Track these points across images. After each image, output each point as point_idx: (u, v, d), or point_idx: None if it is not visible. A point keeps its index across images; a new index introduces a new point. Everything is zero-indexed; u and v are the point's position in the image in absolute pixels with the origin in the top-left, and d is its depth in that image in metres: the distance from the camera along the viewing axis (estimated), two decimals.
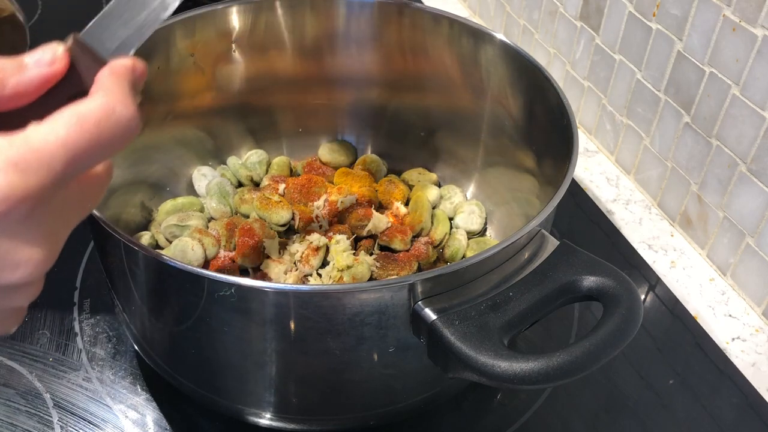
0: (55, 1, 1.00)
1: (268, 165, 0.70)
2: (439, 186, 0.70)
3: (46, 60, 0.31)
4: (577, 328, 0.63)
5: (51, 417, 0.54)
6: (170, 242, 0.61)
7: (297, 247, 0.60)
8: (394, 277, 0.59)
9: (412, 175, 0.70)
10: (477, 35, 0.62)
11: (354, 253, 0.60)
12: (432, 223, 0.65)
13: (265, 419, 0.51)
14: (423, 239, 0.64)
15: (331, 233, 0.61)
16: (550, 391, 0.58)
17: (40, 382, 0.57)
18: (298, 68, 0.68)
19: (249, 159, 0.69)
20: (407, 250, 0.62)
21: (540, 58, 0.85)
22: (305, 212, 0.64)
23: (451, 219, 0.67)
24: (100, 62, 0.33)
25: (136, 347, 0.58)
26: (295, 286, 0.42)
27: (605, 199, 0.76)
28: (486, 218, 0.67)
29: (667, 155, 0.71)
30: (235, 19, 0.63)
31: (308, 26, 0.66)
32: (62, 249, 0.31)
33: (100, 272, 0.64)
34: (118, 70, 0.32)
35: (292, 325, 0.43)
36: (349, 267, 0.58)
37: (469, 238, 0.65)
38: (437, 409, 0.56)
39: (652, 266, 0.69)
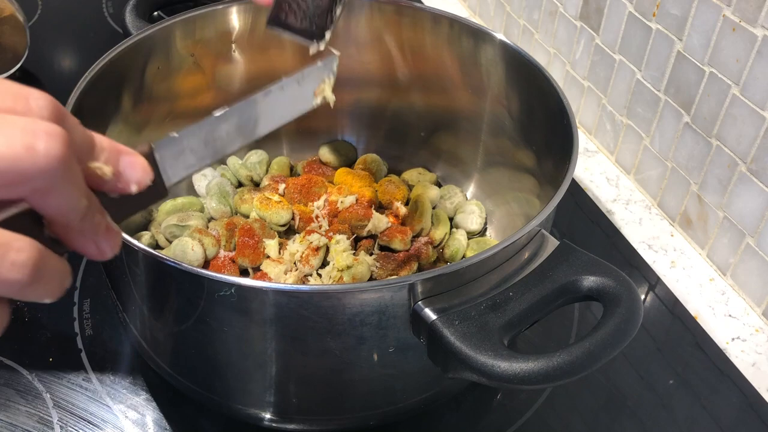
0: (55, 1, 1.01)
1: (268, 165, 0.70)
2: (439, 186, 0.70)
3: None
4: (577, 328, 0.63)
5: (51, 417, 0.54)
6: (170, 242, 0.61)
7: (297, 247, 0.60)
8: (394, 277, 0.59)
9: (412, 175, 0.70)
10: (477, 35, 0.62)
11: (354, 253, 0.60)
12: (432, 223, 0.65)
13: (265, 419, 0.51)
14: (423, 239, 0.64)
15: (331, 233, 0.61)
16: (550, 391, 0.58)
17: (40, 382, 0.57)
18: (298, 68, 0.68)
19: (249, 159, 0.69)
20: (407, 250, 0.62)
21: (540, 58, 0.85)
22: (305, 212, 0.64)
23: (451, 219, 0.67)
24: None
25: (136, 347, 0.58)
26: (295, 286, 0.42)
27: (605, 199, 0.76)
28: (486, 218, 0.67)
29: (667, 155, 0.71)
30: (235, 19, 0.63)
31: None
32: None
33: (100, 272, 0.64)
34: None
35: (292, 325, 0.43)
36: (349, 267, 0.58)
37: (469, 238, 0.65)
38: (437, 409, 0.56)
39: (652, 266, 0.69)
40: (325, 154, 0.71)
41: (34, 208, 0.28)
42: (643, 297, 0.67)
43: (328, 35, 0.47)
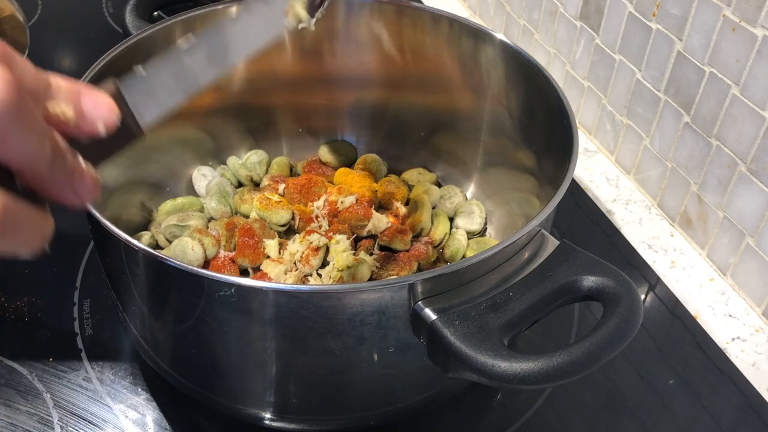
0: (55, 1, 1.01)
1: (268, 165, 0.70)
2: (439, 186, 0.70)
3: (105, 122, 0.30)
4: (577, 328, 0.63)
5: (51, 417, 0.54)
6: (170, 242, 0.61)
7: (297, 247, 0.60)
8: (394, 277, 0.59)
9: (412, 175, 0.70)
10: (477, 35, 0.62)
11: (354, 253, 0.60)
12: (432, 223, 0.65)
13: (265, 419, 0.51)
14: (423, 239, 0.64)
15: (331, 233, 0.61)
16: (550, 391, 0.58)
17: (40, 382, 0.57)
18: (298, 68, 0.68)
19: (249, 159, 0.69)
20: (407, 250, 0.62)
21: (540, 58, 0.85)
22: (305, 212, 0.64)
23: (451, 219, 0.67)
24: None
25: (136, 347, 0.58)
26: (295, 286, 0.42)
27: (605, 199, 0.76)
28: (486, 218, 0.67)
29: (667, 155, 0.71)
30: None
31: None
32: (62, 249, 0.31)
33: (100, 272, 0.64)
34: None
35: (292, 325, 0.43)
36: (349, 267, 0.58)
37: (469, 238, 0.65)
38: (437, 409, 0.56)
39: (652, 266, 0.69)
40: (325, 154, 0.71)
41: None
42: (643, 297, 0.67)
43: (319, 14, 0.46)
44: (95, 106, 0.30)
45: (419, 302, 0.42)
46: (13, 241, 0.27)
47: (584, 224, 0.74)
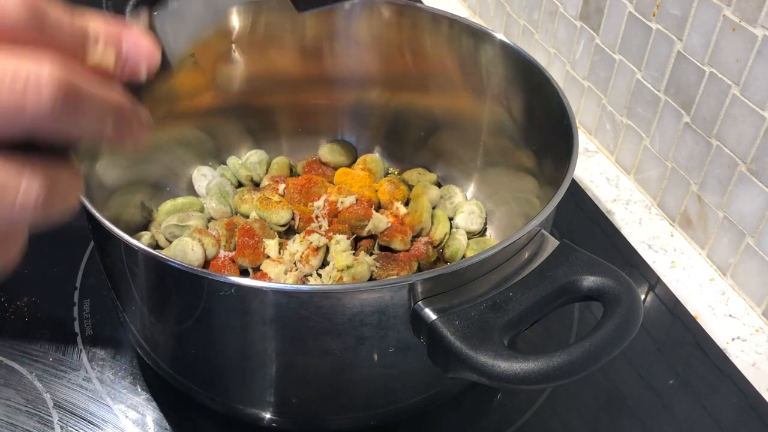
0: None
1: (268, 165, 0.70)
2: (439, 186, 0.70)
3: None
4: (577, 328, 0.63)
5: (51, 417, 0.54)
6: (170, 242, 0.61)
7: (297, 247, 0.60)
8: (394, 277, 0.59)
9: (412, 175, 0.70)
10: (477, 35, 0.62)
11: (354, 253, 0.60)
12: (432, 223, 0.65)
13: (265, 419, 0.51)
14: (423, 239, 0.64)
15: (331, 233, 0.61)
16: (550, 391, 0.58)
17: (40, 382, 0.57)
18: (298, 68, 0.68)
19: (249, 159, 0.69)
20: (407, 250, 0.62)
21: (540, 58, 0.85)
22: (305, 212, 0.64)
23: (451, 219, 0.67)
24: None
25: (136, 347, 0.58)
26: (295, 286, 0.42)
27: (605, 199, 0.76)
28: (486, 218, 0.67)
29: (667, 155, 0.71)
30: (235, 19, 0.63)
31: (308, 26, 0.66)
32: (62, 249, 0.31)
33: (100, 272, 0.63)
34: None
35: (292, 325, 0.43)
36: (349, 267, 0.58)
37: (469, 238, 0.65)
38: (437, 409, 0.56)
39: (652, 266, 0.69)
40: (325, 154, 0.71)
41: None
42: (643, 297, 0.67)
43: None
44: (137, 51, 0.29)
45: (419, 302, 0.42)
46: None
47: (584, 224, 0.74)
